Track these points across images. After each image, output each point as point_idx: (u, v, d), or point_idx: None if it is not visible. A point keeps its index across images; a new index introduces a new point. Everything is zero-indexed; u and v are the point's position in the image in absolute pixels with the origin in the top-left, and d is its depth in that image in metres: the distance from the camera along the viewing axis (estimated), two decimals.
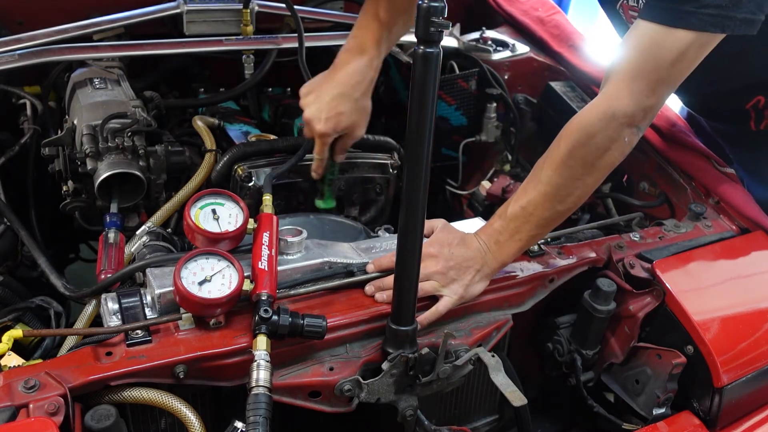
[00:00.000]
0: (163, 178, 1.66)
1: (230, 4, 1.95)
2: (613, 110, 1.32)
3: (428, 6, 1.01)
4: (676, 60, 1.30)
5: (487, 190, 2.17)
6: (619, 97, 1.33)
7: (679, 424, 1.47)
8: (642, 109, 1.33)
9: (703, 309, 1.49)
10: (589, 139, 1.33)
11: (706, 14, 1.27)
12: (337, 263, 1.40)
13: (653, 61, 1.31)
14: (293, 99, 2.16)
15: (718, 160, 1.80)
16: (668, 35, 1.29)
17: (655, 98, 1.34)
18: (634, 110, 1.32)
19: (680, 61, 1.31)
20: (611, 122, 1.32)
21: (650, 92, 1.32)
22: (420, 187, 1.15)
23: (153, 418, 1.25)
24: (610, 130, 1.33)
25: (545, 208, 1.37)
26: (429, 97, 1.09)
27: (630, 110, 1.32)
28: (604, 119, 1.32)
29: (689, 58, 1.32)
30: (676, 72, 1.33)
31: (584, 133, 1.34)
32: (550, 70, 2.21)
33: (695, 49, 1.31)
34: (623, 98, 1.32)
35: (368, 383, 1.28)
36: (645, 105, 1.33)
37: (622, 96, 1.32)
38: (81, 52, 1.80)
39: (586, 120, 1.35)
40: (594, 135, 1.33)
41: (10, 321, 1.43)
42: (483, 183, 2.21)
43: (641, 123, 1.35)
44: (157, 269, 1.29)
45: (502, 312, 1.47)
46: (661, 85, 1.33)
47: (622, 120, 1.32)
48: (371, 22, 1.60)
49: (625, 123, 1.33)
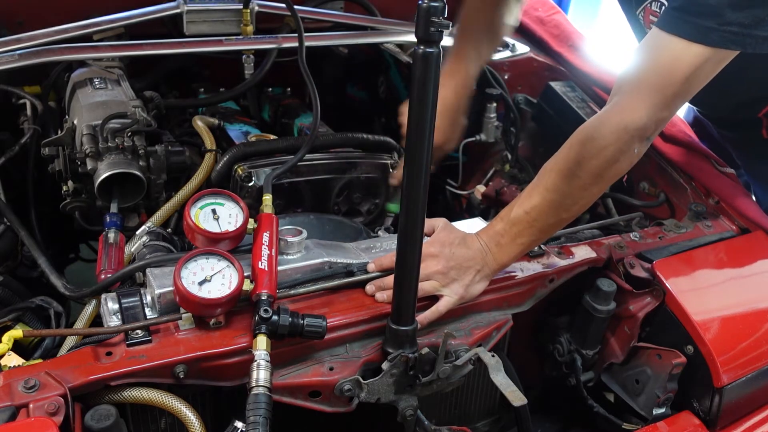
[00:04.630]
0: (163, 178, 1.66)
1: (230, 4, 1.95)
2: (626, 123, 1.30)
3: (428, 6, 1.01)
4: (691, 75, 1.28)
5: (482, 193, 2.18)
6: (633, 110, 1.31)
7: (679, 424, 1.47)
8: (654, 122, 1.32)
9: (703, 309, 1.49)
10: (600, 151, 1.32)
11: (728, 32, 1.24)
12: (337, 263, 1.40)
13: (669, 75, 1.29)
14: (293, 99, 2.17)
15: (718, 160, 1.80)
16: (687, 49, 1.27)
17: (669, 111, 1.33)
18: (647, 123, 1.31)
19: (696, 75, 1.29)
20: (623, 135, 1.31)
21: (664, 106, 1.31)
22: (420, 187, 1.15)
23: (153, 418, 1.25)
24: (621, 143, 1.31)
25: (549, 215, 1.37)
26: (429, 97, 1.09)
27: (643, 123, 1.30)
28: (617, 132, 1.31)
29: (705, 72, 1.30)
30: (690, 86, 1.31)
31: (595, 145, 1.32)
32: (550, 70, 2.21)
33: (712, 65, 1.29)
34: (637, 111, 1.30)
35: (368, 383, 1.28)
36: (658, 118, 1.32)
37: (635, 109, 1.30)
38: (81, 52, 1.79)
39: (598, 132, 1.33)
40: (605, 147, 1.32)
41: (10, 321, 1.43)
42: (478, 187, 2.22)
43: (652, 135, 1.35)
44: (157, 269, 1.29)
45: (502, 312, 1.47)
46: (676, 98, 1.32)
47: (634, 133, 1.31)
48: (460, 45, 1.81)
49: (636, 136, 1.31)
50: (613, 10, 1.84)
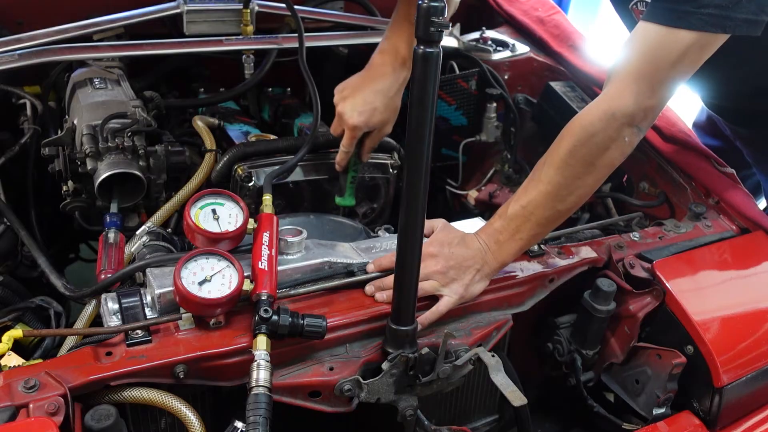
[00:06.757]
0: (163, 178, 1.66)
1: (230, 4, 1.95)
2: (613, 110, 1.33)
3: (428, 6, 1.01)
4: (676, 60, 1.31)
5: (475, 198, 2.18)
6: (620, 97, 1.34)
7: (679, 424, 1.47)
8: (642, 110, 1.34)
9: (703, 309, 1.49)
10: (590, 138, 1.34)
11: (705, 14, 1.27)
12: (337, 263, 1.40)
13: (654, 62, 1.32)
14: (293, 99, 2.17)
15: (718, 160, 1.80)
16: (669, 35, 1.30)
17: (656, 99, 1.35)
18: (635, 110, 1.33)
19: (681, 61, 1.32)
20: (611, 122, 1.33)
21: (651, 93, 1.33)
22: (420, 187, 1.15)
23: (153, 418, 1.25)
24: (610, 130, 1.33)
25: (546, 208, 1.37)
26: (429, 97, 1.09)
27: (630, 110, 1.33)
28: (605, 119, 1.33)
29: (690, 59, 1.32)
30: (677, 73, 1.34)
31: (585, 132, 1.34)
32: (550, 70, 2.21)
33: (696, 50, 1.31)
34: (624, 98, 1.33)
35: (368, 383, 1.28)
36: (646, 105, 1.34)
37: (622, 96, 1.33)
38: (81, 52, 1.80)
39: (587, 119, 1.36)
40: (594, 134, 1.34)
41: (10, 321, 1.43)
42: (470, 192, 2.23)
43: (642, 123, 1.36)
44: (157, 269, 1.29)
45: (502, 312, 1.47)
46: (662, 85, 1.34)
47: (622, 120, 1.33)
48: (403, 23, 1.67)
49: (625, 123, 1.33)
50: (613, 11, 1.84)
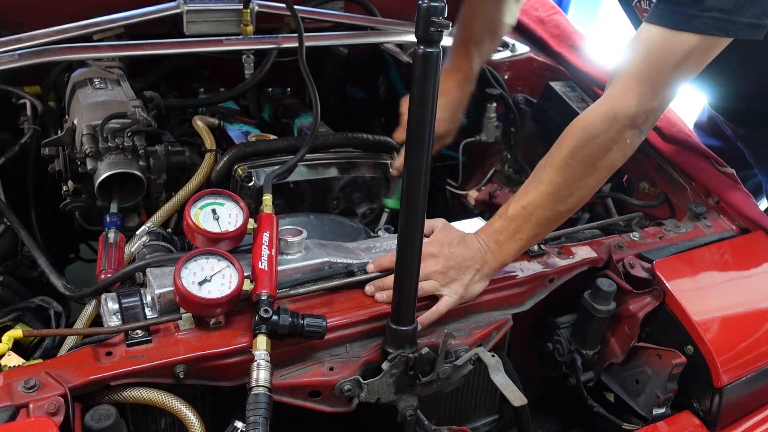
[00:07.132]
0: (163, 178, 1.66)
1: (230, 4, 1.95)
2: (615, 111, 1.33)
3: (428, 6, 1.01)
4: (679, 63, 1.31)
5: (475, 198, 2.18)
6: (622, 98, 1.34)
7: (679, 424, 1.47)
8: (644, 111, 1.34)
9: (703, 309, 1.49)
10: (591, 140, 1.34)
11: (709, 17, 1.27)
12: (337, 263, 1.40)
13: (657, 64, 1.32)
14: (293, 99, 2.17)
15: (718, 160, 1.80)
16: (672, 38, 1.30)
17: (658, 101, 1.35)
18: (636, 112, 1.33)
19: (683, 64, 1.32)
20: (613, 123, 1.33)
21: (653, 95, 1.33)
22: (420, 187, 1.15)
23: (153, 418, 1.25)
24: (612, 131, 1.33)
25: (546, 208, 1.37)
26: (429, 97, 1.09)
27: (632, 112, 1.33)
28: (606, 120, 1.33)
29: (693, 61, 1.32)
30: (679, 75, 1.34)
31: (586, 134, 1.34)
32: (550, 70, 2.21)
33: (699, 53, 1.31)
34: (626, 100, 1.33)
35: (368, 383, 1.28)
36: (647, 107, 1.34)
37: (625, 97, 1.33)
38: (81, 52, 1.79)
39: (589, 121, 1.36)
40: (596, 135, 1.34)
41: (10, 321, 1.43)
42: (470, 193, 2.23)
43: (643, 125, 1.36)
44: (157, 269, 1.29)
45: (502, 312, 1.47)
46: (665, 87, 1.34)
47: (624, 121, 1.33)
48: (464, 46, 1.84)
49: (627, 125, 1.33)
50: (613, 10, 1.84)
